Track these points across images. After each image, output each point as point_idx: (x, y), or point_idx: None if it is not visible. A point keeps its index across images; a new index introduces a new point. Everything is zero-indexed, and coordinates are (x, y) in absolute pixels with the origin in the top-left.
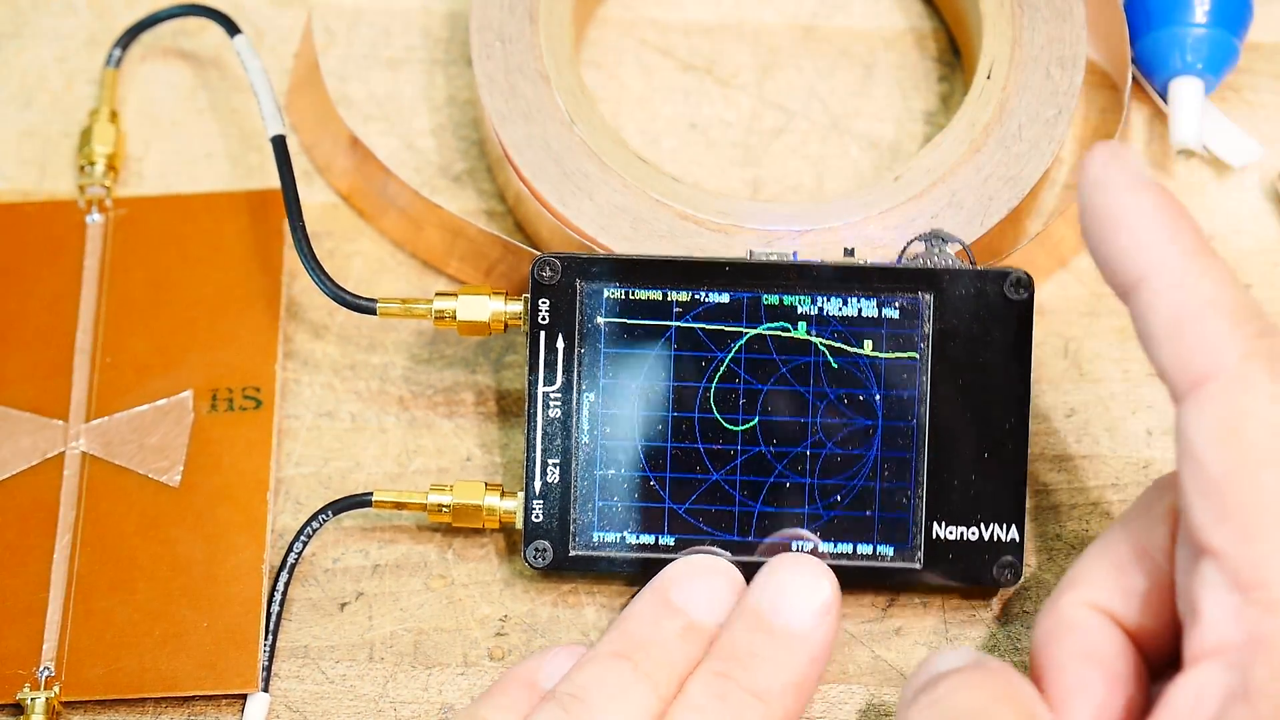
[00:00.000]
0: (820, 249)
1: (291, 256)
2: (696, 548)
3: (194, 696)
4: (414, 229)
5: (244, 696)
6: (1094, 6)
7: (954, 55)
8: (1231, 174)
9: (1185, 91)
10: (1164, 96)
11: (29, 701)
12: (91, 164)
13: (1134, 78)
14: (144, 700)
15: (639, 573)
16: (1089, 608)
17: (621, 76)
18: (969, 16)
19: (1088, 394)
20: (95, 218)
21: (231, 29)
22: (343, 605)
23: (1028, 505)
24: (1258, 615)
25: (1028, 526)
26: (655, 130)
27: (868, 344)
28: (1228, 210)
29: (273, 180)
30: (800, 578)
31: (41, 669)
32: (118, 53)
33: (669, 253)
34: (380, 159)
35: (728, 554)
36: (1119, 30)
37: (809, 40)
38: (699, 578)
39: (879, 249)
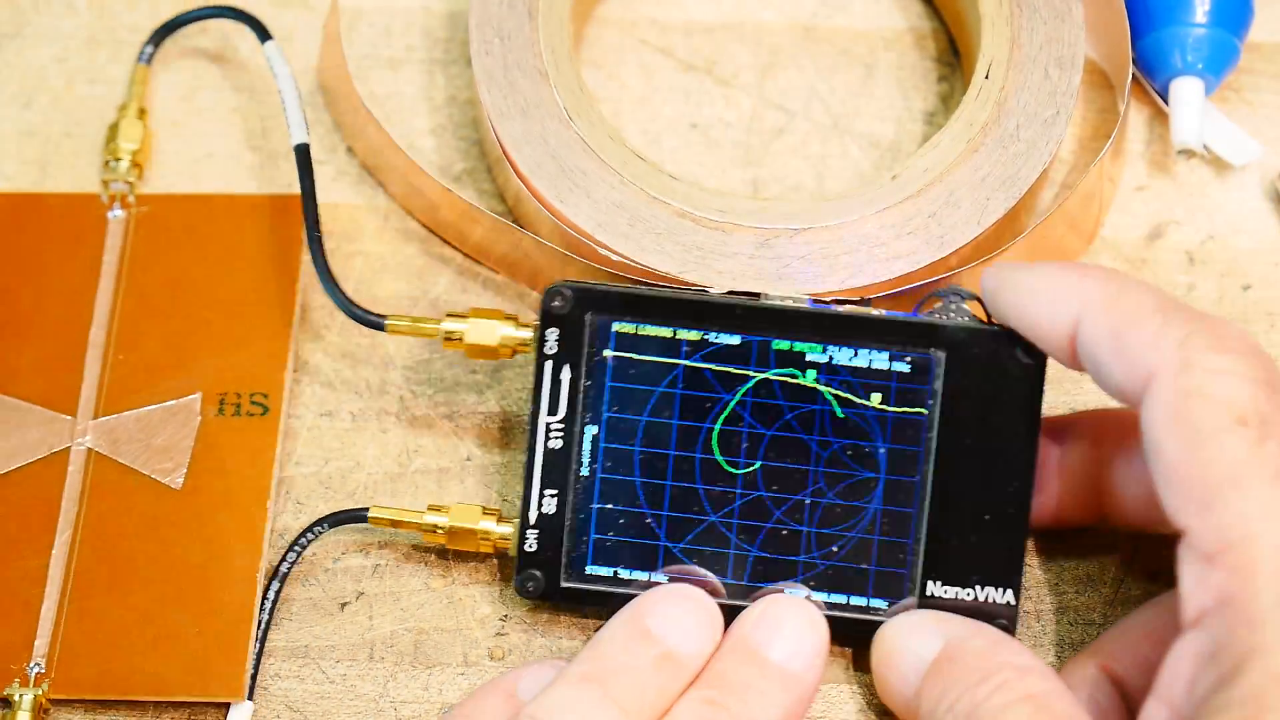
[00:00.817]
0: (815, 248)
1: (308, 264)
2: (678, 568)
3: (180, 702)
4: (432, 209)
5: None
6: (1094, 6)
7: (954, 55)
8: (1232, 174)
9: (1186, 91)
10: (1164, 96)
11: (17, 698)
12: (117, 159)
13: (1134, 77)
14: (132, 702)
15: None
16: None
17: (622, 76)
18: (968, 16)
19: (1088, 394)
20: (117, 213)
21: (263, 34)
22: (343, 605)
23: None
24: (1223, 578)
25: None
26: (656, 130)
27: (875, 397)
28: (1228, 210)
29: (284, 183)
30: (796, 619)
31: (32, 665)
32: (150, 49)
33: (666, 251)
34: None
35: (715, 577)
36: (1120, 30)
37: (809, 40)
38: (677, 606)
39: (874, 247)
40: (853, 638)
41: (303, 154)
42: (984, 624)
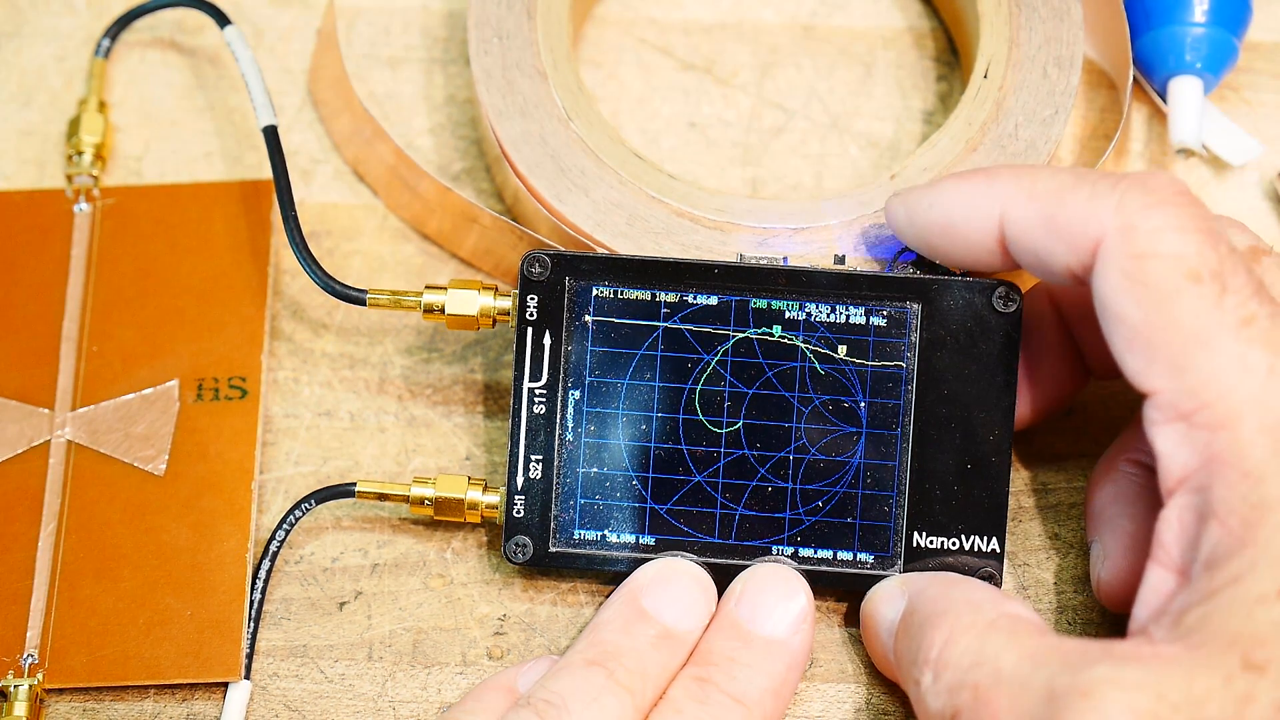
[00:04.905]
0: (813, 247)
1: (280, 248)
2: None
3: (178, 684)
4: (427, 211)
5: (226, 685)
6: (1094, 6)
7: (952, 54)
8: (1231, 173)
9: (1185, 90)
10: (1163, 95)
11: (12, 688)
12: (79, 153)
13: (1134, 77)
14: (128, 687)
15: (619, 571)
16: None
17: (621, 76)
18: (967, 16)
19: (1088, 394)
20: (83, 207)
21: (222, 20)
22: (342, 604)
23: (1026, 504)
24: (1205, 437)
25: (1027, 525)
26: (655, 129)
27: (854, 351)
28: (1227, 209)
29: (265, 171)
30: (776, 588)
31: (25, 656)
32: (106, 43)
33: (664, 250)
34: (395, 143)
35: (695, 558)
36: (1119, 30)
37: (809, 40)
38: (669, 583)
39: (873, 246)
40: (843, 591)
41: (271, 136)
42: (942, 573)
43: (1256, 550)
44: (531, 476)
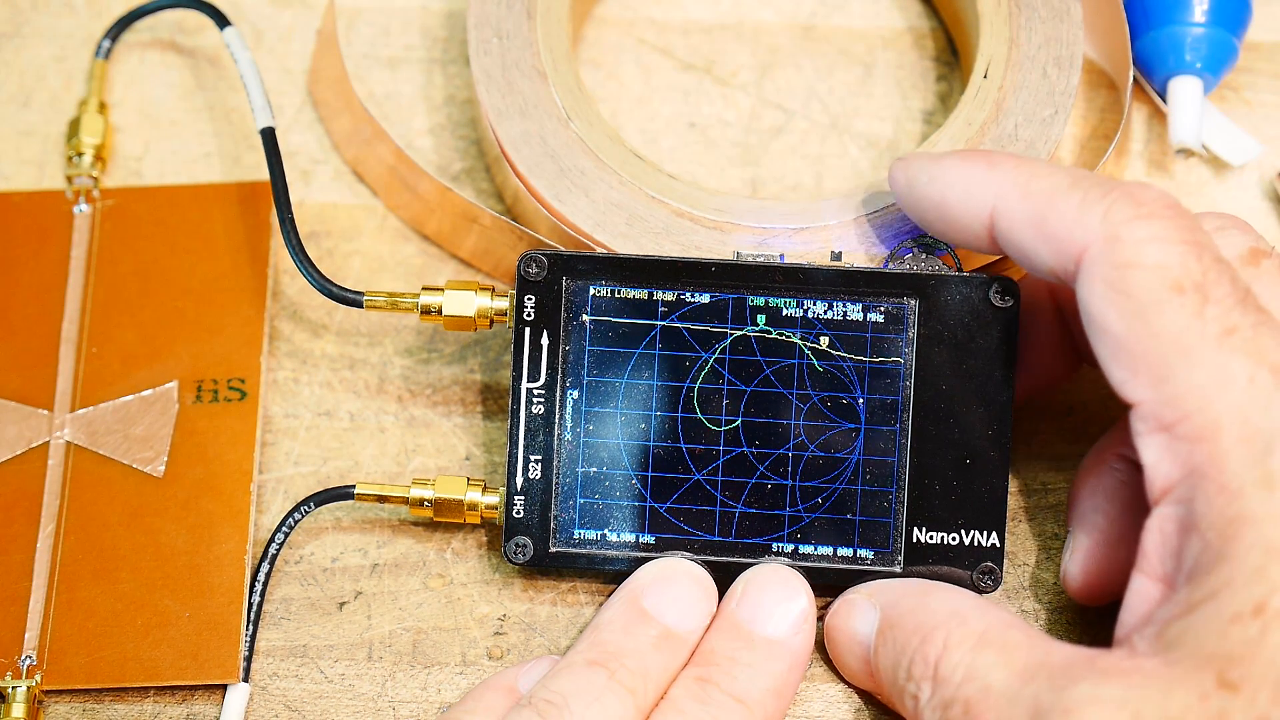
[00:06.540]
0: (813, 247)
1: (279, 249)
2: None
3: (176, 686)
4: (426, 212)
5: (225, 686)
6: (1093, 6)
7: (952, 55)
8: (1231, 173)
9: (1184, 90)
10: (1163, 96)
11: (10, 690)
12: (79, 155)
13: (1134, 77)
14: (126, 689)
15: (619, 570)
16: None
17: (621, 76)
18: (966, 16)
19: (1088, 394)
20: (83, 208)
21: (221, 21)
22: (341, 604)
23: (1026, 504)
24: (1186, 448)
25: (1027, 525)
26: (654, 130)
27: (852, 348)
28: (1227, 209)
29: (263, 172)
30: (777, 588)
31: (23, 658)
32: (107, 44)
33: (664, 250)
34: (395, 143)
35: (695, 557)
36: (1119, 30)
37: (808, 40)
38: (670, 584)
39: (872, 246)
40: (844, 588)
41: (269, 138)
42: (910, 581)
43: (1234, 565)
44: (531, 477)
